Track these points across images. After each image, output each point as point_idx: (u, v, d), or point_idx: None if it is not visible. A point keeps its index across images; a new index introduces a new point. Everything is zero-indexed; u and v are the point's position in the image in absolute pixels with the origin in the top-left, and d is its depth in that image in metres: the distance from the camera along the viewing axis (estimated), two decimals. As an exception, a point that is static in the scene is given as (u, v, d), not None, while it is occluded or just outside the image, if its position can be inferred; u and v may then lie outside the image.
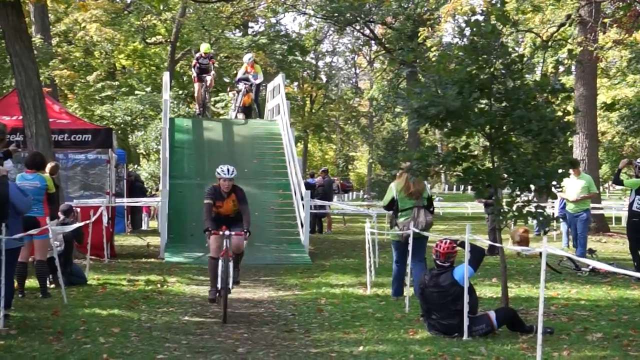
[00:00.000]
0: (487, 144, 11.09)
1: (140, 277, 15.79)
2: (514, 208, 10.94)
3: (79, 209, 16.53)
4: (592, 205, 29.82)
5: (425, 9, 48.59)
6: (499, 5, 10.98)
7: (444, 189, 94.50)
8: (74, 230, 14.32)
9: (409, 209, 12.82)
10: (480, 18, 10.86)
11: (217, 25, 47.51)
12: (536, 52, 26.64)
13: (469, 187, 11.39)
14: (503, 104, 10.88)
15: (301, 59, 58.69)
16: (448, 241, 10.41)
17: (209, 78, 28.11)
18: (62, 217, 14.66)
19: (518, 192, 11.04)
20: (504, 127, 10.86)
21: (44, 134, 18.03)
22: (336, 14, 46.12)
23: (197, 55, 27.90)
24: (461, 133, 11.12)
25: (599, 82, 36.42)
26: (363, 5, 44.65)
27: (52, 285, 13.67)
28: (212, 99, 40.50)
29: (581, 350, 9.08)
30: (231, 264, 11.78)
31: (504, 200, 11.27)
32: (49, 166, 14.54)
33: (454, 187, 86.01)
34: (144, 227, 32.57)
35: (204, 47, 28.46)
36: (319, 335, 10.25)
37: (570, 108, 11.44)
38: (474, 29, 10.67)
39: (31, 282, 13.57)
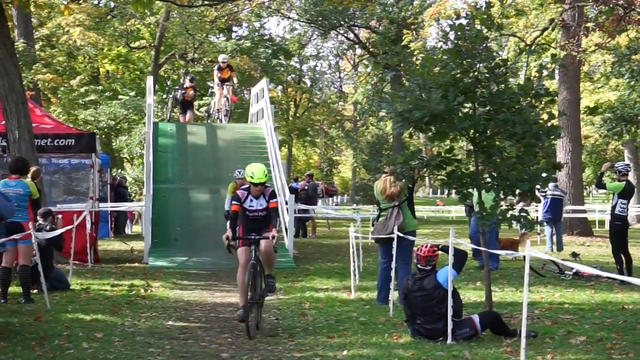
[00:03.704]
0: (471, 147, 11.10)
1: (124, 282, 15.73)
2: (498, 212, 10.96)
3: (60, 216, 16.39)
4: (575, 207, 30.18)
5: (409, 12, 48.63)
6: (483, 9, 11.00)
7: (429, 193, 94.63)
8: (53, 237, 14.17)
9: (387, 209, 12.86)
10: (464, 22, 10.87)
11: (201, 29, 47.47)
12: (520, 56, 26.74)
13: (453, 191, 11.39)
14: (487, 108, 10.89)
15: (285, 63, 58.68)
16: (429, 245, 10.43)
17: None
18: (39, 220, 14.47)
19: (502, 196, 11.07)
20: (488, 131, 10.87)
21: (26, 138, 17.95)
22: (320, 18, 46.14)
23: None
24: (445, 137, 11.13)
25: (582, 86, 36.54)
26: (347, 10, 44.65)
27: (35, 291, 13.58)
28: (196, 103, 40.37)
29: (565, 354, 9.09)
30: None
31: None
32: (30, 171, 14.43)
33: (438, 191, 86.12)
34: (127, 231, 32.49)
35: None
36: (303, 340, 10.23)
37: (554, 112, 11.45)
38: (458, 33, 10.69)
39: (14, 288, 13.50)
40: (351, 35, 52.43)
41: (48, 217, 14.85)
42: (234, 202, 11.19)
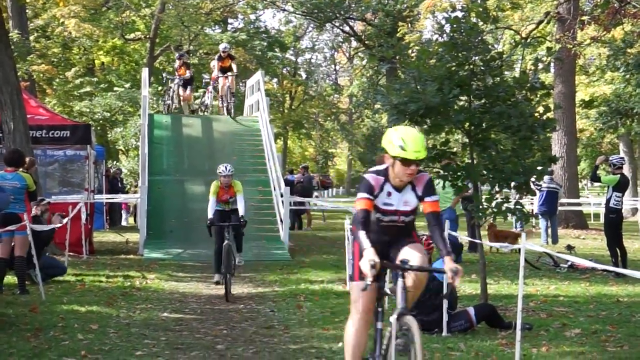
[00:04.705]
0: (467, 140, 11.11)
1: (119, 274, 15.73)
2: (493, 204, 10.96)
3: (48, 200, 16.20)
4: (570, 200, 30.23)
5: (405, 5, 48.59)
6: (479, 2, 11.00)
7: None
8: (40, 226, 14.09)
9: None
10: (460, 14, 10.87)
11: (197, 21, 47.30)
12: (515, 49, 26.76)
13: (449, 184, 11.39)
14: (482, 101, 10.91)
15: (281, 56, 58.60)
16: (424, 237, 10.41)
17: None
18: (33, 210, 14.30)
19: (497, 189, 11.07)
20: (484, 124, 10.88)
21: (21, 129, 17.92)
22: (316, 11, 46.11)
23: None
24: (441, 129, 11.13)
25: (578, 79, 36.59)
26: (342, 2, 44.63)
27: (27, 283, 13.56)
28: (193, 94, 40.30)
29: (560, 346, 9.10)
30: None
31: (483, 196, 11.29)
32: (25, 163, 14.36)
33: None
34: (123, 223, 32.45)
35: None
36: (298, 332, 10.24)
37: (550, 105, 11.47)
38: (454, 26, 10.69)
39: (9, 279, 13.49)
40: (347, 28, 52.38)
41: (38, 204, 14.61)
42: (363, 196, 6.29)
